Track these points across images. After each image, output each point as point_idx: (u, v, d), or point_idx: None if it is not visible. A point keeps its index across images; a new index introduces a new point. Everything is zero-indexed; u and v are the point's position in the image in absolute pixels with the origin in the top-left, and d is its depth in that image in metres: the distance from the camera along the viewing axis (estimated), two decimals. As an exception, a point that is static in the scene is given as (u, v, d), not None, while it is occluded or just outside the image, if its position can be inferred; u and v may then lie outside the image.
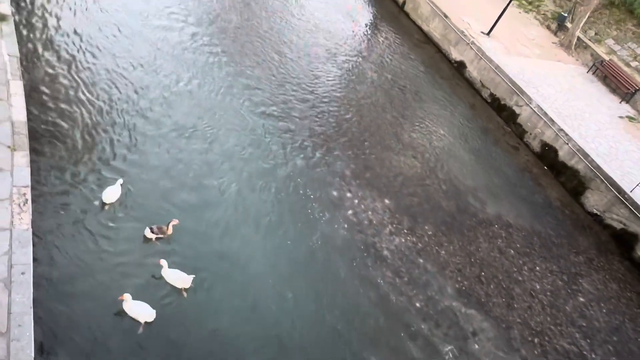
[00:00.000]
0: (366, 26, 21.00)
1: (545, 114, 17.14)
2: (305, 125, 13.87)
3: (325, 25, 19.11)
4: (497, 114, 18.74)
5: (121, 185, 9.53)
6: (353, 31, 19.82)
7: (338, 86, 16.20)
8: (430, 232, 12.40)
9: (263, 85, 14.57)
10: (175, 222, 9.30)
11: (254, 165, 11.91)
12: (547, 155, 17.08)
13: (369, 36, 20.40)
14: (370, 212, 12.13)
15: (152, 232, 9.16)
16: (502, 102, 18.60)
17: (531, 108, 17.52)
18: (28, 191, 8.18)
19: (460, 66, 20.27)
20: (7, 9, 11.29)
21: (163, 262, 8.62)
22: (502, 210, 14.21)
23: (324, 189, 12.18)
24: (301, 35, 17.80)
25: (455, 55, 20.43)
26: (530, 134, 17.64)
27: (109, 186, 9.47)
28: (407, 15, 22.78)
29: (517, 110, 18.07)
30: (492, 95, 19.01)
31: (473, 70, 19.71)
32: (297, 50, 16.86)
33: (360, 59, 18.40)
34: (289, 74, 15.57)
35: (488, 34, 20.49)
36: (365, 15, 21.75)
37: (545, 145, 17.15)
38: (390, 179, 13.48)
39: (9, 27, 10.82)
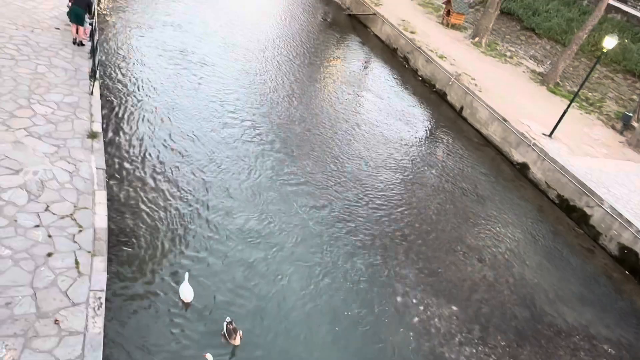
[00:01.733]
0: (425, 132, 21.54)
1: (620, 214, 16.31)
2: (366, 227, 13.91)
3: (384, 132, 19.79)
4: (567, 216, 18.02)
5: (189, 280, 9.84)
6: (411, 135, 20.35)
7: (399, 190, 16.36)
8: (503, 343, 11.58)
9: (324, 188, 14.96)
10: (240, 333, 9.31)
11: (314, 268, 11.91)
12: (628, 259, 15.97)
13: (428, 141, 20.85)
14: (437, 320, 11.59)
15: (228, 324, 9.24)
16: (571, 203, 17.96)
17: (603, 209, 16.76)
18: (103, 295, 8.55)
19: (523, 168, 20.05)
20: (98, 127, 12.64)
21: (209, 356, 8.62)
22: (582, 319, 13.15)
23: (387, 294, 11.88)
24: (361, 141, 18.46)
25: (517, 157, 20.32)
26: (606, 236, 16.71)
27: (182, 284, 9.82)
28: (464, 120, 23.25)
29: (588, 211, 17.33)
30: (559, 196, 18.45)
31: (537, 172, 19.40)
32: (357, 155, 17.41)
33: (420, 163, 18.68)
34: (350, 178, 15.97)
35: (550, 135, 20.39)
36: (422, 121, 22.40)
37: (623, 248, 16.11)
38: (456, 284, 12.99)
39: (98, 144, 12.03)
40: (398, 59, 28.70)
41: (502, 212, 17.01)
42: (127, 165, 13.21)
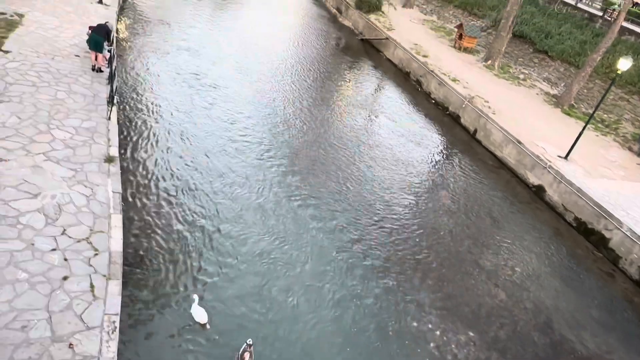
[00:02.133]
0: (439, 154, 21.51)
1: (640, 238, 16.00)
2: (380, 252, 13.81)
3: (397, 154, 19.78)
4: (585, 239, 17.71)
5: (198, 303, 9.87)
6: (424, 158, 20.32)
7: (413, 212, 16.26)
8: (522, 370, 11.29)
9: (336, 210, 14.92)
10: (248, 356, 9.23)
11: (327, 291, 11.80)
12: (649, 283, 15.59)
13: (442, 163, 20.79)
14: (454, 346, 11.36)
15: (247, 347, 9.14)
16: (589, 226, 17.66)
17: (623, 232, 16.45)
18: (117, 319, 8.55)
19: (539, 190, 19.84)
20: (115, 151, 12.83)
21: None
22: (604, 346, 12.79)
23: (402, 318, 11.70)
24: (374, 163, 18.46)
25: (533, 179, 20.13)
26: (626, 259, 16.36)
27: (193, 307, 9.82)
28: (479, 142, 23.18)
29: (607, 234, 17.02)
30: (577, 219, 18.17)
31: (553, 194, 19.18)
32: (370, 177, 17.39)
33: (434, 185, 18.60)
34: (363, 200, 15.93)
35: (566, 157, 20.21)
36: (436, 144, 22.38)
37: (644, 272, 15.76)
38: (473, 308, 12.76)
39: (115, 168, 12.19)
40: (411, 83, 28.88)
41: (518, 235, 16.78)
42: (142, 187, 13.35)
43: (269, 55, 26.62)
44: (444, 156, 21.60)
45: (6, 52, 15.23)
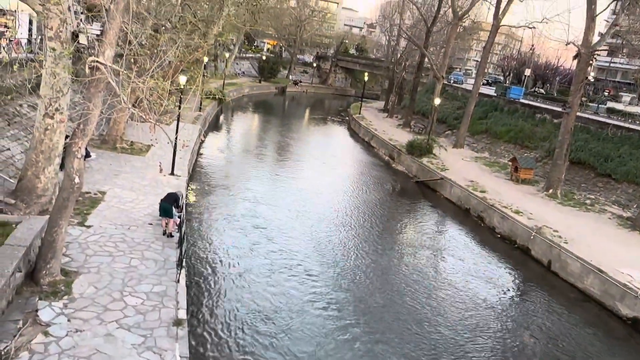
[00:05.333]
0: (513, 290, 20.23)
1: None
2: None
3: (469, 294, 18.76)
4: None
5: None
6: (499, 297, 19.10)
7: (496, 359, 14.85)
8: None
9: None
10: None
11: None
12: None
13: (518, 300, 19.43)
14: None
15: None
16: None
17: None
18: None
19: (635, 323, 17.82)
20: (183, 314, 12.96)
21: None
22: None
23: None
24: (445, 307, 17.49)
25: (626, 311, 18.24)
26: None
27: None
28: (555, 274, 21.74)
29: None
30: (689, 354, 15.93)
31: (653, 327, 17.16)
32: (444, 323, 16.34)
33: (515, 325, 17.16)
34: (439, 350, 14.80)
35: (658, 285, 18.44)
36: (509, 280, 21.19)
37: None
38: None
39: (183, 331, 12.20)
40: (472, 219, 28.49)
41: (623, 379, 14.76)
42: (209, 347, 13.16)
43: (327, 203, 27.45)
44: (520, 292, 20.27)
45: (88, 226, 16.60)
